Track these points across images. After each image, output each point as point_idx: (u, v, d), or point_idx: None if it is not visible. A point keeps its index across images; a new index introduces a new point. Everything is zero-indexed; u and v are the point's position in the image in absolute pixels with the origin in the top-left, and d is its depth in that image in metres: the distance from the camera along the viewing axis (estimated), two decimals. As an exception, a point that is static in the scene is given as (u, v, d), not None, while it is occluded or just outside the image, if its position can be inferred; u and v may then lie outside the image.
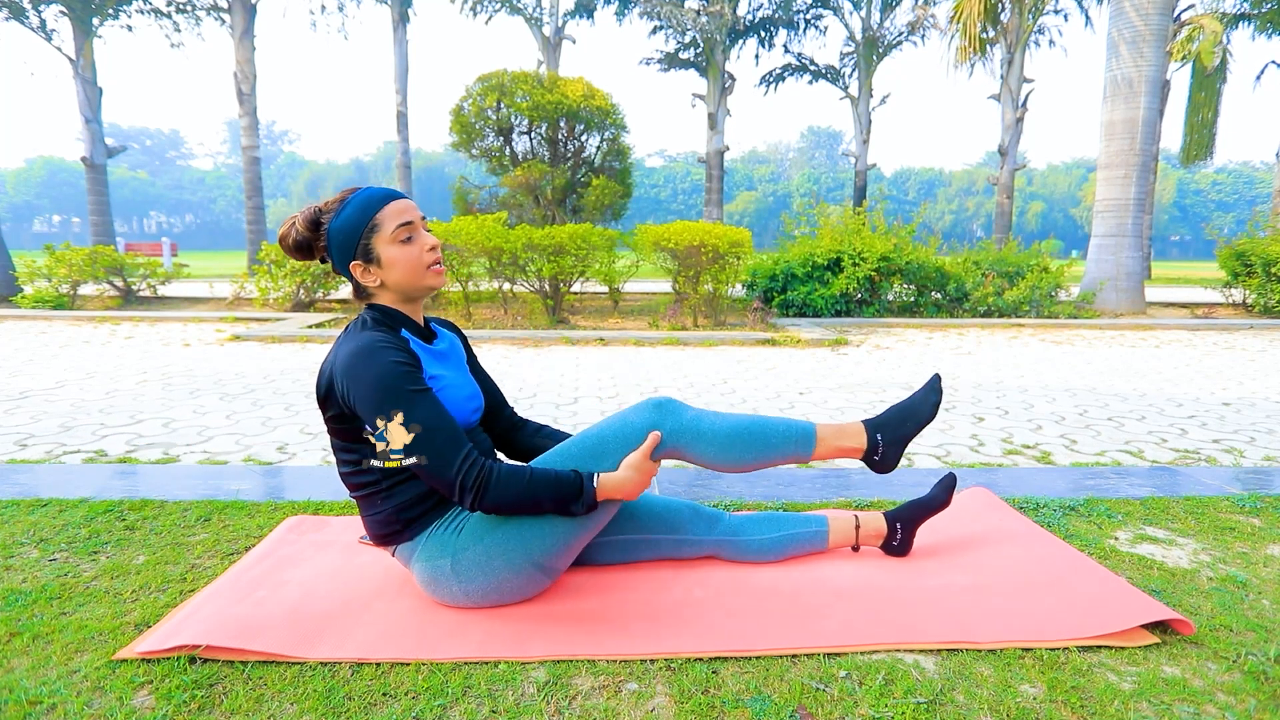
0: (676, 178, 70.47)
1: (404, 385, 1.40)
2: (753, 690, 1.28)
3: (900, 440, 1.70)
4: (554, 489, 1.45)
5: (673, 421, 1.58)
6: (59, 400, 3.93)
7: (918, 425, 1.71)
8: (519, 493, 1.43)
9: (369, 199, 1.50)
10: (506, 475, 1.43)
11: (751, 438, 1.61)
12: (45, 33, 14.69)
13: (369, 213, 1.48)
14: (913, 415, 1.71)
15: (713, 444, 1.59)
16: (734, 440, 1.60)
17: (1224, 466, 2.84)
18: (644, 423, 1.56)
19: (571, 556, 1.58)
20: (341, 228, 1.48)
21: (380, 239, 1.49)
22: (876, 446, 1.69)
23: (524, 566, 1.51)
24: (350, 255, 1.49)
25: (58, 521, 2.03)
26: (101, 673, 1.31)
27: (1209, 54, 14.27)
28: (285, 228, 1.54)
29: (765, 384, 4.68)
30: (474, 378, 1.72)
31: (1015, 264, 9.31)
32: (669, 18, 15.87)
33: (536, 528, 1.50)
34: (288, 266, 8.67)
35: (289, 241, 1.53)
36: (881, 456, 1.70)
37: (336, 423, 1.47)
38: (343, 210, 1.49)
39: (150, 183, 72.99)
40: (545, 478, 1.45)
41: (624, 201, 11.43)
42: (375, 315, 1.53)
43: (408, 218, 1.50)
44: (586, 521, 1.54)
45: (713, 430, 1.60)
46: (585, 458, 1.54)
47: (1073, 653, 1.40)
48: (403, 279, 1.51)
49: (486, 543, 1.49)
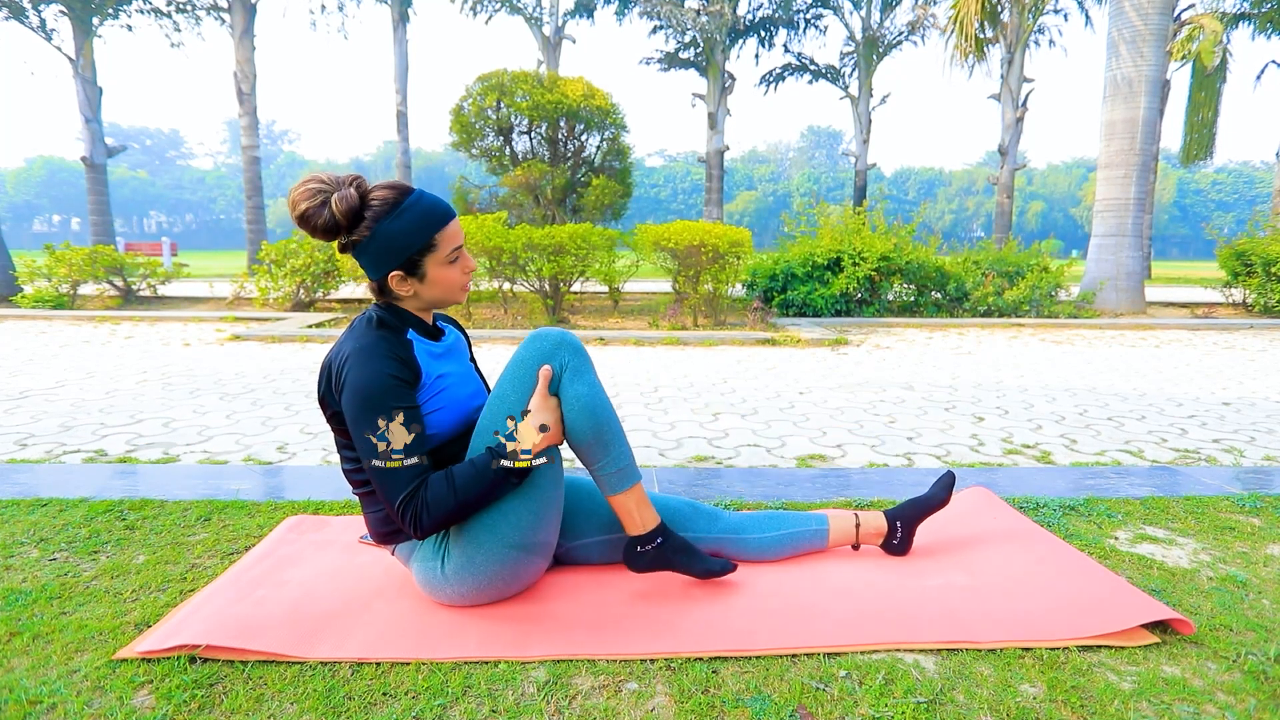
0: (676, 177, 70.46)
1: (389, 401, 1.39)
2: (753, 690, 1.28)
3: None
4: (478, 480, 1.42)
5: (552, 342, 1.52)
6: (59, 400, 3.93)
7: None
8: (452, 502, 1.41)
9: (432, 214, 1.43)
10: (434, 493, 1.40)
11: (607, 417, 1.54)
12: (45, 32, 14.68)
13: (431, 230, 1.43)
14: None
15: (584, 396, 1.52)
16: (597, 411, 1.53)
17: (1224, 466, 2.84)
18: (530, 357, 1.52)
19: (551, 527, 1.56)
20: (396, 235, 1.41)
21: (434, 259, 1.45)
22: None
23: (505, 553, 1.50)
24: (393, 265, 1.44)
25: (58, 521, 2.03)
26: (101, 672, 1.31)
27: (1209, 54, 14.26)
28: (313, 205, 1.37)
29: (765, 384, 4.68)
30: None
31: (1015, 264, 9.30)
32: (669, 17, 15.86)
33: (499, 513, 1.48)
34: (288, 266, 8.66)
35: (318, 222, 1.38)
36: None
37: (338, 421, 1.47)
38: (400, 215, 1.41)
39: (150, 182, 72.99)
40: (465, 473, 1.43)
41: (624, 201, 11.43)
42: (384, 314, 1.51)
43: (460, 241, 1.48)
44: (541, 487, 1.51)
45: (592, 382, 1.54)
46: (499, 420, 1.50)
47: (1073, 652, 1.40)
48: (437, 296, 1.51)
49: (463, 543, 1.49)
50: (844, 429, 3.46)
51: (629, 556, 1.61)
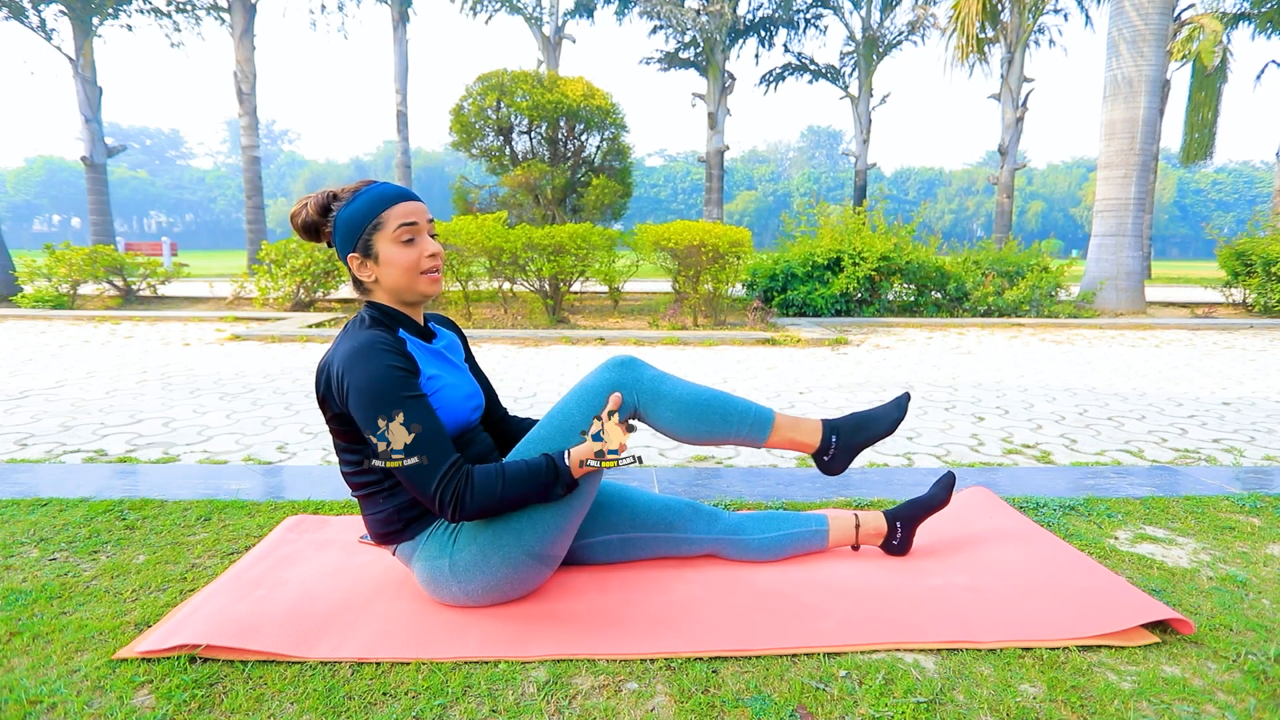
0: (676, 177, 70.47)
1: (399, 391, 1.39)
2: (753, 690, 1.28)
3: (852, 447, 1.71)
4: (529, 481, 1.44)
5: (632, 377, 1.57)
6: (59, 400, 3.93)
7: (873, 436, 1.71)
8: (497, 495, 1.42)
9: (380, 195, 1.50)
10: (481, 482, 1.42)
11: (709, 409, 1.61)
12: (45, 32, 14.68)
13: (377, 208, 1.48)
14: (871, 424, 1.71)
15: (671, 408, 1.59)
16: (692, 408, 1.60)
17: (1224, 466, 2.84)
18: (604, 383, 1.55)
19: (567, 541, 1.57)
20: (348, 219, 1.48)
21: (382, 236, 1.48)
22: (829, 447, 1.69)
23: (520, 559, 1.50)
24: (350, 246, 1.50)
25: (58, 521, 2.03)
26: (101, 672, 1.31)
27: (1209, 53, 14.26)
28: (297, 207, 1.55)
29: (765, 383, 4.68)
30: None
31: (1015, 263, 9.30)
32: (669, 17, 15.86)
33: (526, 518, 1.49)
34: (288, 266, 8.66)
35: (298, 221, 1.54)
36: (831, 458, 1.70)
37: (337, 423, 1.47)
38: (354, 201, 1.49)
39: (150, 182, 73.00)
40: (518, 471, 1.44)
41: (624, 201, 11.43)
42: (374, 314, 1.53)
43: (412, 219, 1.49)
44: (574, 501, 1.53)
45: (673, 394, 1.60)
46: (555, 436, 1.53)
47: (1073, 652, 1.39)
48: (397, 281, 1.51)
49: (480, 542, 1.49)
50: (844, 429, 3.46)
51: (825, 468, 1.70)
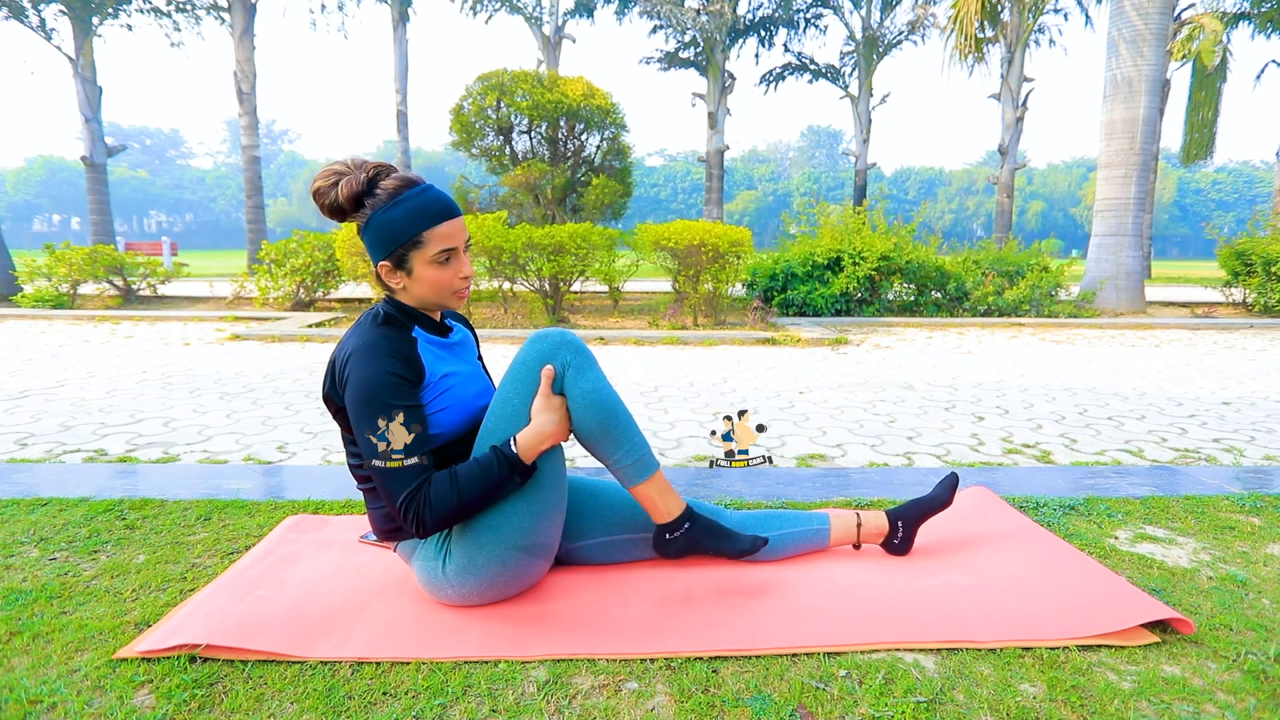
0: (676, 177, 70.46)
1: (391, 398, 1.39)
2: (753, 689, 1.28)
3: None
4: (482, 478, 1.42)
5: (557, 345, 1.52)
6: (59, 399, 3.93)
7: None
8: (454, 502, 1.40)
9: (426, 210, 1.41)
10: (436, 493, 1.40)
11: (614, 416, 1.53)
12: (45, 32, 14.68)
13: (419, 226, 1.41)
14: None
15: (592, 385, 1.52)
16: (604, 403, 1.52)
17: (1224, 466, 2.84)
18: (532, 358, 1.52)
19: (552, 528, 1.55)
20: (386, 225, 1.41)
21: (420, 256, 1.44)
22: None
23: (507, 554, 1.50)
24: (384, 255, 1.44)
25: (58, 521, 2.03)
26: (102, 672, 1.31)
27: (1209, 53, 14.26)
28: (326, 183, 1.42)
29: (765, 383, 4.68)
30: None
31: (1015, 263, 9.30)
32: (669, 17, 15.85)
33: (501, 514, 1.48)
34: (287, 266, 8.66)
35: (326, 200, 1.43)
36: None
37: (344, 417, 1.48)
38: (395, 206, 1.41)
39: (150, 182, 73.00)
40: (470, 472, 1.42)
41: (624, 201, 11.42)
42: (390, 310, 1.51)
43: (453, 243, 1.45)
44: (543, 487, 1.51)
45: (596, 376, 1.54)
46: (501, 425, 1.50)
47: (1072, 652, 1.39)
48: (426, 296, 1.49)
49: (465, 544, 1.49)
50: (844, 428, 3.46)
51: (659, 545, 1.64)
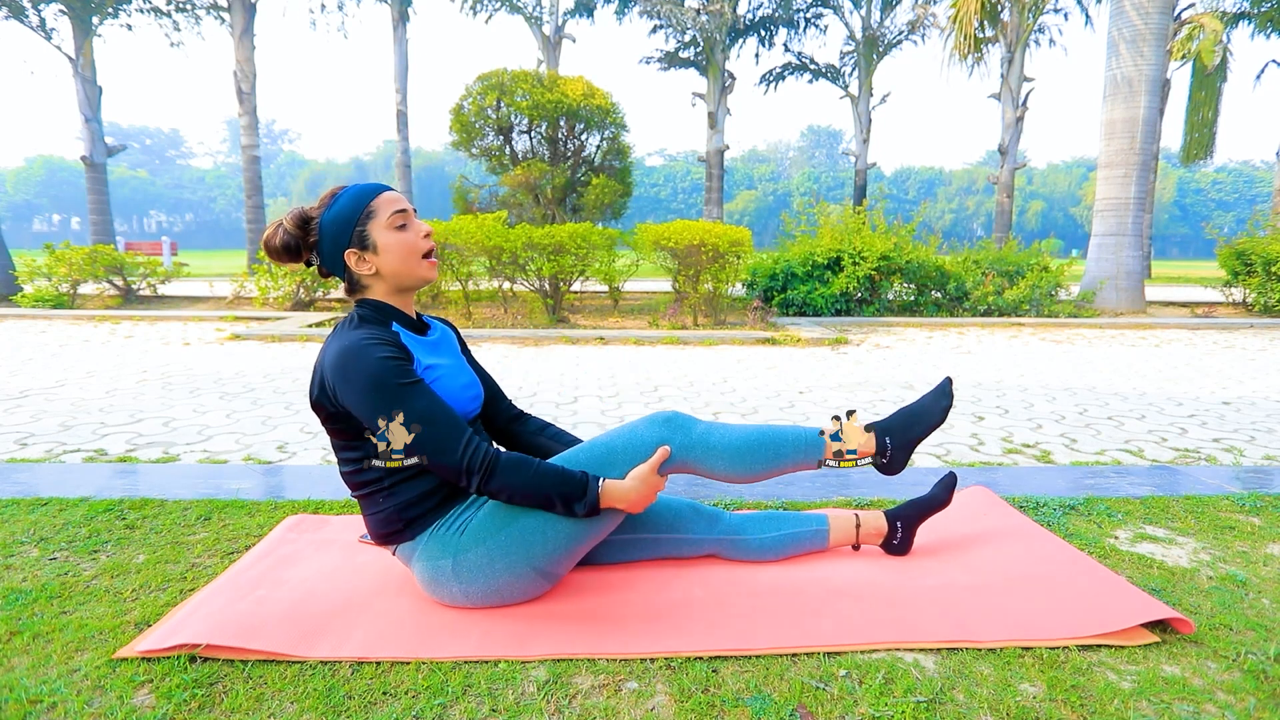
0: (676, 177, 70.45)
1: (396, 380, 1.40)
2: (753, 689, 1.28)
3: (908, 444, 1.72)
4: (559, 484, 1.45)
5: (682, 437, 1.59)
6: (59, 399, 3.93)
7: (926, 428, 1.73)
8: (525, 480, 1.43)
9: (361, 191, 1.51)
10: (513, 461, 1.44)
11: (760, 449, 1.63)
12: (45, 31, 14.67)
13: (363, 201, 1.50)
14: (921, 418, 1.73)
15: (723, 458, 1.61)
16: (744, 452, 1.62)
17: (1224, 465, 2.84)
18: (653, 437, 1.57)
19: (572, 562, 1.58)
20: (335, 218, 1.49)
21: (376, 225, 1.49)
22: (885, 449, 1.70)
23: (524, 570, 1.51)
24: (345, 243, 1.49)
25: (58, 520, 2.03)
26: (102, 671, 1.31)
27: (1209, 53, 14.26)
28: (271, 230, 1.52)
29: (765, 383, 4.68)
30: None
31: (1015, 263, 9.30)
32: (669, 17, 15.85)
33: (538, 532, 1.49)
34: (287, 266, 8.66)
35: (275, 243, 1.51)
36: (890, 459, 1.71)
37: (333, 423, 1.47)
38: (334, 203, 1.50)
39: (150, 182, 72.99)
40: (551, 470, 1.45)
41: (624, 200, 11.43)
42: (365, 311, 1.53)
43: (401, 206, 1.52)
44: (588, 527, 1.53)
45: (723, 444, 1.61)
46: (591, 465, 1.54)
47: (1072, 652, 1.40)
48: (398, 266, 1.52)
49: (488, 545, 1.49)
50: (844, 428, 3.46)
51: (884, 470, 1.73)
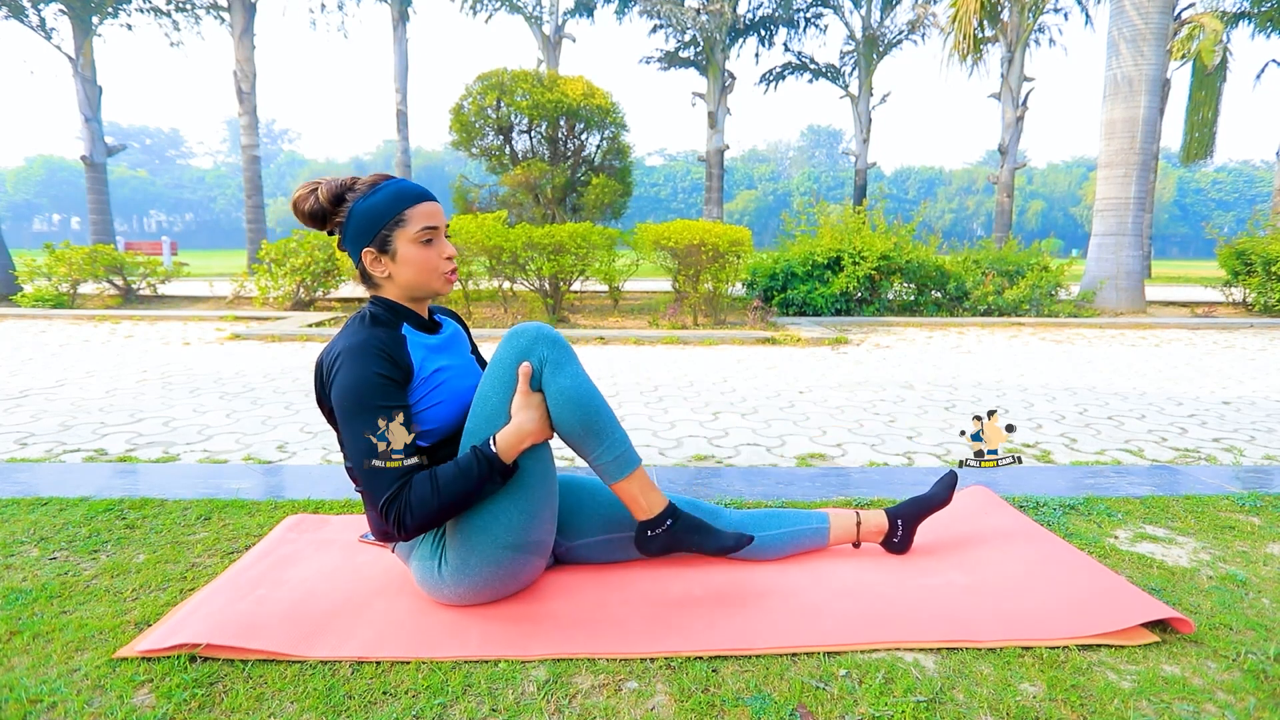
0: (676, 176, 70.44)
1: (377, 400, 1.39)
2: (753, 689, 1.28)
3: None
4: (463, 480, 1.41)
5: (529, 338, 1.50)
6: (59, 399, 3.93)
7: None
8: (434, 504, 1.39)
9: (403, 191, 1.48)
10: (416, 496, 1.39)
11: (596, 411, 1.51)
12: (45, 31, 14.67)
13: (399, 205, 1.47)
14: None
15: (571, 381, 1.50)
16: (584, 397, 1.50)
17: (1224, 465, 2.84)
18: (509, 355, 1.50)
19: (545, 525, 1.55)
20: (368, 211, 1.46)
21: (403, 235, 1.47)
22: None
23: (500, 554, 1.49)
24: (366, 240, 1.48)
25: (58, 520, 2.03)
26: (102, 671, 1.31)
27: (1209, 53, 14.26)
28: (304, 193, 1.50)
29: (765, 382, 4.68)
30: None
31: (1015, 263, 9.30)
32: (669, 16, 15.85)
33: (489, 514, 1.48)
34: (287, 265, 8.66)
35: (304, 208, 1.49)
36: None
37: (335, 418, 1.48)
38: (374, 194, 1.47)
39: (150, 181, 73.00)
40: (449, 474, 1.41)
41: (624, 200, 11.43)
42: (377, 310, 1.52)
43: (434, 222, 1.50)
44: (529, 484, 1.49)
45: (575, 372, 1.51)
46: (483, 425, 1.48)
47: (1072, 651, 1.40)
48: (414, 279, 1.50)
49: (457, 545, 1.49)
50: (844, 428, 3.46)
51: (640, 542, 1.61)
